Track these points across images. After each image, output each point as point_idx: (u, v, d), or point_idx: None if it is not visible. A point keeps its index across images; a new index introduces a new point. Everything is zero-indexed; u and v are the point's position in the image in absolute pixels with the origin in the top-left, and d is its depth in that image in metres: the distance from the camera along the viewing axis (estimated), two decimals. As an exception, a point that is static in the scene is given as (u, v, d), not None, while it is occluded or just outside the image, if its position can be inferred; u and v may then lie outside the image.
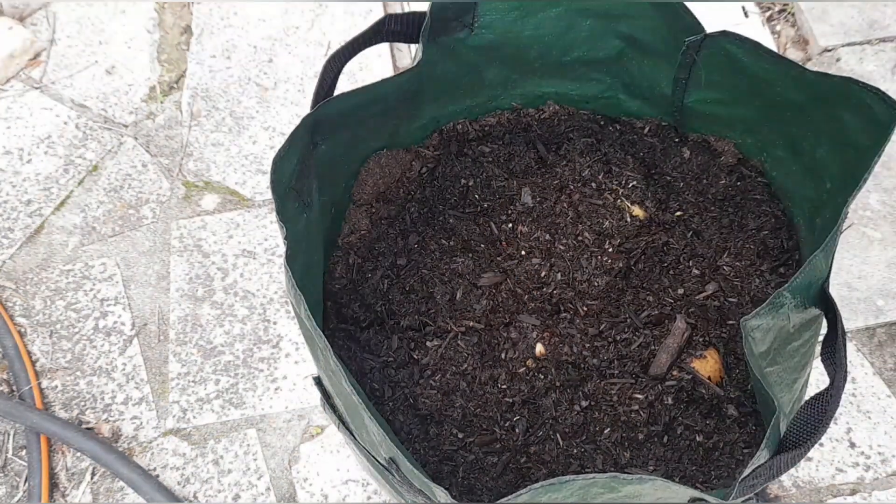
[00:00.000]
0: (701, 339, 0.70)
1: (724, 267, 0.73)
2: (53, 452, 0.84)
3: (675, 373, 0.67)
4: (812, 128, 0.67)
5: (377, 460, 0.58)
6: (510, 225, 0.75)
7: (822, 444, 0.82)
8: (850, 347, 0.89)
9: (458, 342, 0.69)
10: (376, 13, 1.19)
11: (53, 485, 0.82)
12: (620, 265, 0.72)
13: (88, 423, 0.86)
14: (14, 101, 1.10)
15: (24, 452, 0.84)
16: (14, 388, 0.87)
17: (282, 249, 0.97)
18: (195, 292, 0.94)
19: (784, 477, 0.81)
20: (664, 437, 0.66)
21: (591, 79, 0.78)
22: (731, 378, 0.68)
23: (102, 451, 0.81)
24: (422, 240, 0.75)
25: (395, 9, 1.21)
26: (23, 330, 0.92)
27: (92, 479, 0.83)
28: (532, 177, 0.77)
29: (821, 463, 0.81)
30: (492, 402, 0.67)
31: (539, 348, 0.69)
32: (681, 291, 0.72)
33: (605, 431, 0.66)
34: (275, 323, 0.92)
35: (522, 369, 0.68)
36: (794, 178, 0.73)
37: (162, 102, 1.11)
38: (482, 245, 0.74)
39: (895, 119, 0.55)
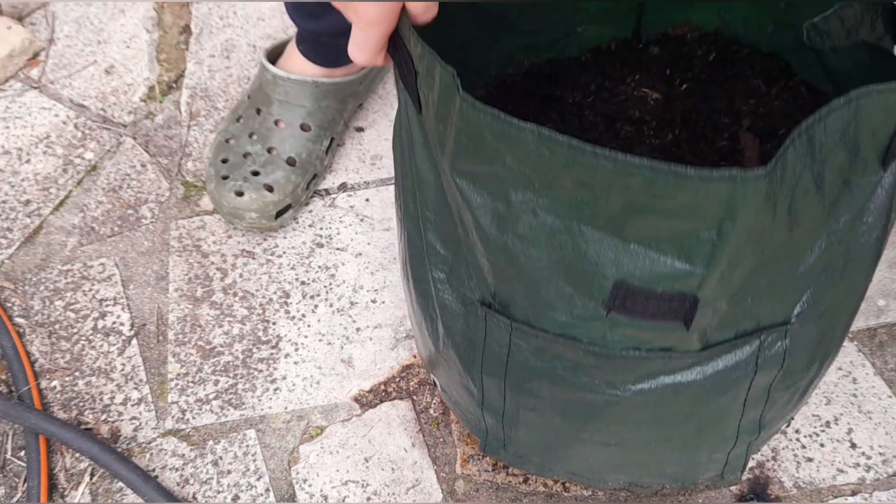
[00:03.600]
0: (769, 146, 0.74)
1: (744, 107, 0.79)
2: (52, 453, 0.84)
3: None
4: None
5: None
6: None
7: (823, 445, 0.82)
8: (851, 348, 0.89)
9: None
10: (376, 12, 1.19)
11: (52, 485, 0.82)
12: (669, 138, 0.78)
13: (87, 423, 0.86)
14: (13, 100, 1.10)
15: (22, 453, 0.84)
16: (13, 388, 0.87)
17: (280, 250, 0.97)
18: (194, 292, 0.94)
19: (785, 478, 0.80)
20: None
21: (553, 20, 0.81)
22: None
23: (101, 452, 0.81)
24: None
25: (395, 8, 1.21)
26: (21, 330, 0.92)
27: (91, 479, 0.83)
28: (546, 114, 0.79)
29: (822, 464, 0.81)
30: None
31: None
32: (726, 134, 0.77)
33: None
34: (274, 323, 0.92)
35: None
36: (750, 20, 0.80)
37: (161, 102, 1.11)
38: None
39: None
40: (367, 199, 1.02)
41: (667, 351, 0.55)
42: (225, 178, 0.96)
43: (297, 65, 1.00)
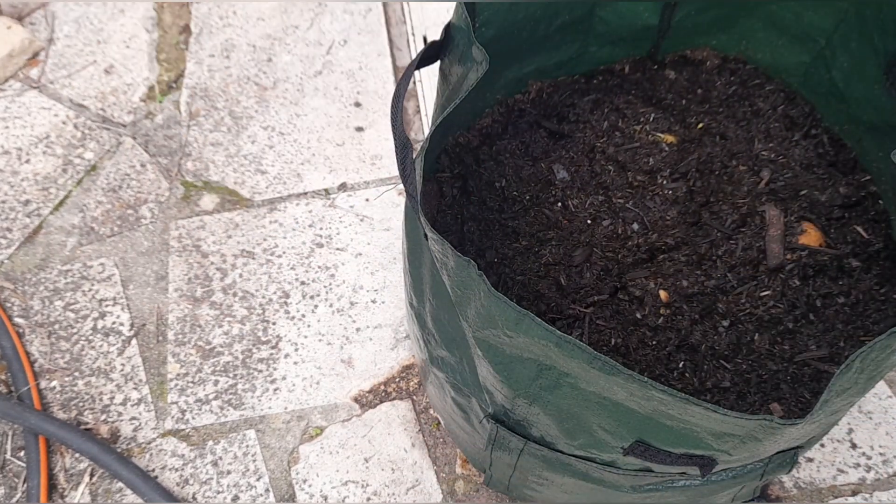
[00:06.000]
0: (792, 218, 0.73)
1: (763, 152, 0.78)
2: (52, 453, 0.84)
3: (788, 256, 0.72)
4: None
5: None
6: (559, 205, 0.76)
7: (823, 445, 0.82)
8: (852, 347, 0.89)
9: (598, 322, 0.70)
10: (376, 12, 1.19)
11: (52, 486, 0.82)
12: (683, 190, 0.76)
13: (87, 423, 0.86)
14: (12, 100, 1.09)
15: (22, 453, 0.84)
16: (12, 388, 0.87)
17: (280, 250, 0.97)
18: (194, 293, 0.94)
19: (786, 478, 0.80)
20: (810, 316, 0.69)
21: (565, 42, 0.79)
22: (833, 237, 0.73)
23: (101, 452, 0.81)
24: (497, 253, 0.75)
25: (395, 8, 1.20)
26: (21, 330, 0.91)
27: (91, 479, 0.83)
28: (556, 152, 0.78)
29: (822, 464, 0.81)
30: (652, 360, 0.69)
31: (662, 294, 0.71)
32: (745, 189, 0.76)
33: (756, 337, 0.69)
34: (274, 323, 0.91)
35: (661, 320, 0.70)
36: (781, 51, 0.78)
37: (161, 102, 1.11)
38: (550, 232, 0.75)
39: None
40: (367, 199, 1.01)
41: (680, 475, 0.58)
42: None
43: None
